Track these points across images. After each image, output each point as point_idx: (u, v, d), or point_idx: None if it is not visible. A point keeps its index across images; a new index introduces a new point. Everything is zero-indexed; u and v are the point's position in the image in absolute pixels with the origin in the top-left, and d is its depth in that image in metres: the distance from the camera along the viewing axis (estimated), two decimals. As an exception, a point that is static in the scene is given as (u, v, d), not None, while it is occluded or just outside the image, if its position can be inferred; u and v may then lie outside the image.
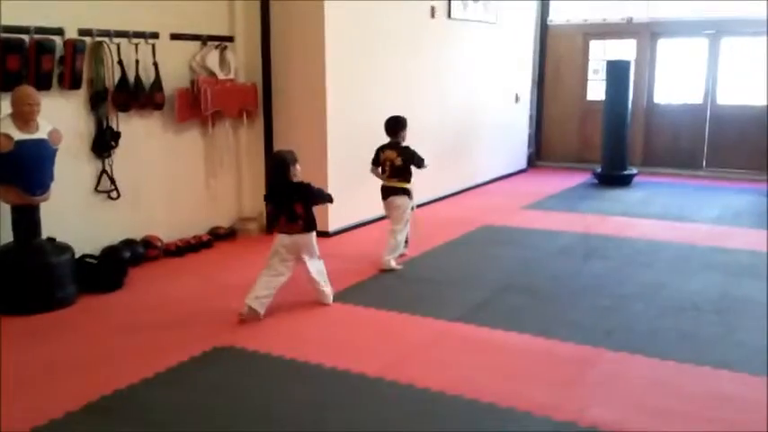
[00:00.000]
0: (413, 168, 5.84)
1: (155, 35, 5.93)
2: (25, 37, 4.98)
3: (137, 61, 5.79)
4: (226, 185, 6.83)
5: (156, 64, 5.91)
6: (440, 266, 5.95)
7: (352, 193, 6.75)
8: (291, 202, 4.70)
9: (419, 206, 7.88)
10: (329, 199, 4.92)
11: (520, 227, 7.36)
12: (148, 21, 5.89)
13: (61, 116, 5.21)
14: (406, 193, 5.83)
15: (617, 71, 9.83)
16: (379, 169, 5.86)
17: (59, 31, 5.23)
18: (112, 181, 5.71)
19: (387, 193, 5.87)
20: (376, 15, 7.24)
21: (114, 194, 5.74)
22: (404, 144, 5.86)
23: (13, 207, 4.81)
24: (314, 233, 4.83)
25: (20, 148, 4.61)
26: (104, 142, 5.61)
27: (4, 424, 3.26)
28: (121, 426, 3.30)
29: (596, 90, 11.41)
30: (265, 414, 3.41)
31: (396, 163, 5.78)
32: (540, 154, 11.98)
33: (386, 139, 5.86)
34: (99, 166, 5.66)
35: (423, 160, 5.85)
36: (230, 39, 6.68)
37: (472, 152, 9.51)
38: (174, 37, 6.15)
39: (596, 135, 10.92)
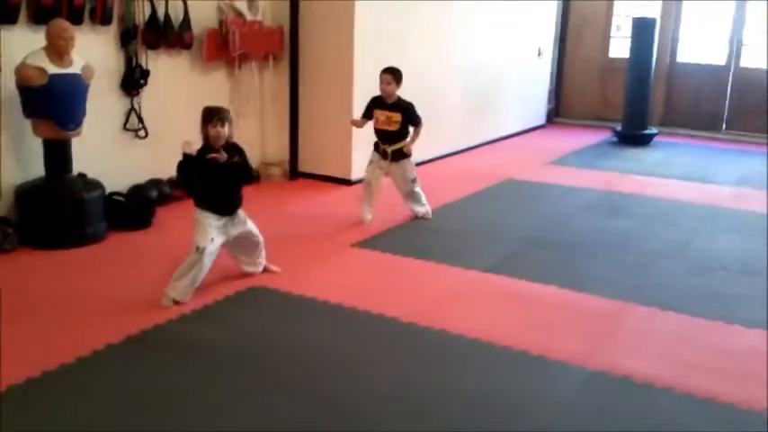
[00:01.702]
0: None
1: (185, -28, 5.85)
2: (58, -31, 4.91)
3: (166, -1, 5.72)
4: (250, 129, 6.77)
5: (185, 2, 5.83)
6: (465, 218, 5.96)
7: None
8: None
9: (438, 159, 7.97)
10: None
11: (543, 182, 7.33)
12: (179, -43, 5.81)
13: (92, 52, 5.14)
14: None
15: (642, 28, 9.66)
16: None
17: (92, -35, 5.16)
18: (140, 119, 5.69)
19: None
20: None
21: (142, 133, 5.72)
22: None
23: (45, 141, 4.80)
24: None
25: (54, 81, 4.58)
26: (133, 80, 5.56)
27: (48, 355, 3.31)
28: (163, 356, 3.36)
29: (618, 48, 11.27)
30: (298, 353, 3.45)
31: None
32: (560, 110, 11.88)
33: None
34: (127, 103, 5.63)
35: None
36: (258, -21, 6.59)
37: (493, 106, 9.42)
38: (204, -24, 6.08)
39: (617, 93, 10.81)
